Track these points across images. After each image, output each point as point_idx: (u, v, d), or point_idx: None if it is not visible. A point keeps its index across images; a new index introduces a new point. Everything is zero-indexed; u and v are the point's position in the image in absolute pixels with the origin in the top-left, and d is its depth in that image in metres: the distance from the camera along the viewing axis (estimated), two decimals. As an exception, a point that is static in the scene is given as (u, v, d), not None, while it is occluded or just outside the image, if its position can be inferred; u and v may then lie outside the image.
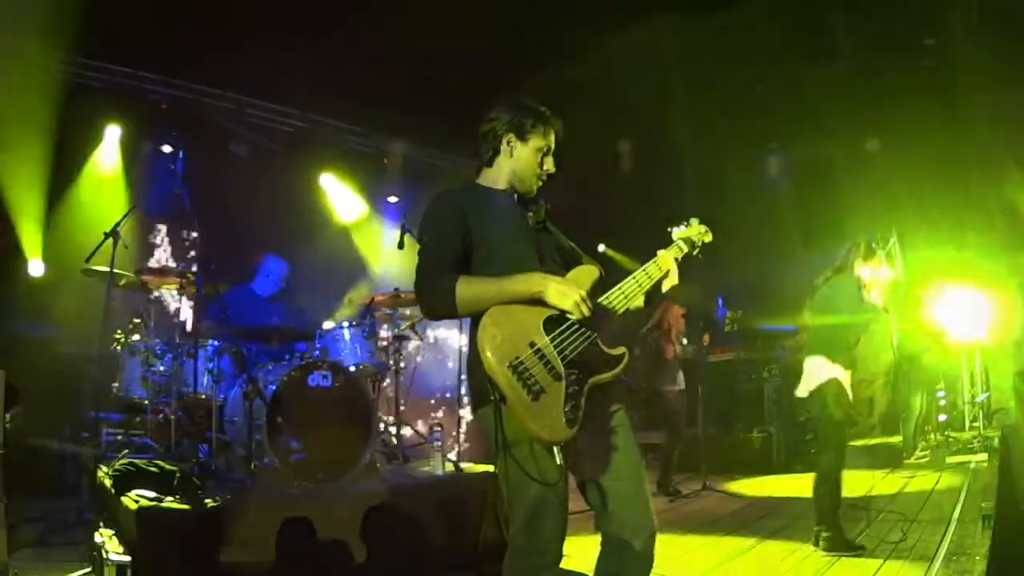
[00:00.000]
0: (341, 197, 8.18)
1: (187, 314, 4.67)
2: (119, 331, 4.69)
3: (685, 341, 6.83)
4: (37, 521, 4.18)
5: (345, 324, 4.99)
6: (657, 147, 9.73)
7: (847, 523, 4.35)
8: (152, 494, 3.37)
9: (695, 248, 2.45)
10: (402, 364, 5.41)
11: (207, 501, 3.42)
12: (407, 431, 5.58)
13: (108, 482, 3.70)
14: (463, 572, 3.80)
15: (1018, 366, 8.38)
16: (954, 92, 8.73)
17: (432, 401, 7.82)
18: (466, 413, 7.47)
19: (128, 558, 3.00)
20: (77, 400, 5.34)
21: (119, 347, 4.64)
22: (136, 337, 4.63)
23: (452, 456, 4.70)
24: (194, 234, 6.91)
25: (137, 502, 3.25)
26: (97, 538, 3.20)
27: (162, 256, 7.03)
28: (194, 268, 4.69)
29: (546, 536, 2.02)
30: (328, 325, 5.15)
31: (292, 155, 7.66)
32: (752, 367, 8.30)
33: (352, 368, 4.57)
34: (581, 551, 2.17)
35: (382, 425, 5.15)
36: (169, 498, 3.37)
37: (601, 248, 9.25)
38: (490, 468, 4.17)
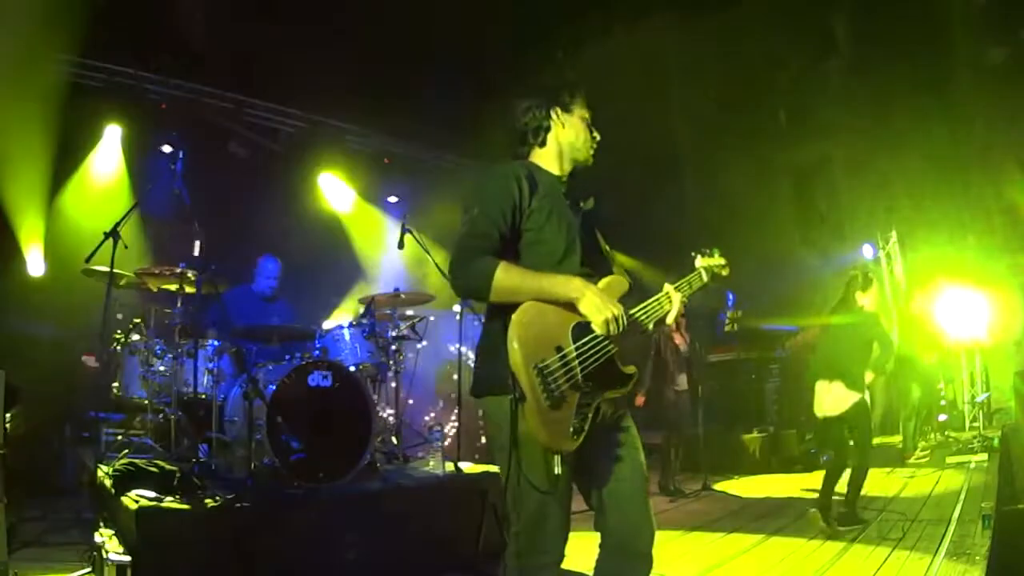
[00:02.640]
0: (341, 197, 8.18)
1: (187, 314, 4.65)
2: (119, 331, 4.69)
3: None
4: (37, 521, 4.17)
5: (345, 324, 4.98)
6: (657, 147, 9.73)
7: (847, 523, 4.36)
8: (152, 494, 3.37)
9: (712, 278, 2.42)
10: (402, 364, 5.40)
11: (207, 501, 3.42)
12: (407, 431, 5.57)
13: (108, 482, 3.69)
14: (463, 572, 3.80)
15: (1018, 366, 8.40)
16: (954, 92, 8.75)
17: (432, 401, 7.80)
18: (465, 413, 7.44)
19: (128, 558, 3.00)
20: (77, 400, 5.33)
21: (119, 347, 4.63)
22: (136, 337, 4.62)
23: (452, 456, 4.68)
24: (194, 234, 6.88)
25: (137, 502, 3.25)
26: (97, 538, 3.20)
27: (162, 256, 7.02)
28: (194, 268, 4.67)
29: (548, 536, 2.00)
30: (328, 325, 5.14)
31: (292, 155, 7.65)
32: (752, 367, 8.29)
33: (352, 368, 4.56)
34: (582, 551, 2.16)
35: (382, 425, 5.15)
36: (169, 498, 3.37)
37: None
38: (490, 468, 4.17)
